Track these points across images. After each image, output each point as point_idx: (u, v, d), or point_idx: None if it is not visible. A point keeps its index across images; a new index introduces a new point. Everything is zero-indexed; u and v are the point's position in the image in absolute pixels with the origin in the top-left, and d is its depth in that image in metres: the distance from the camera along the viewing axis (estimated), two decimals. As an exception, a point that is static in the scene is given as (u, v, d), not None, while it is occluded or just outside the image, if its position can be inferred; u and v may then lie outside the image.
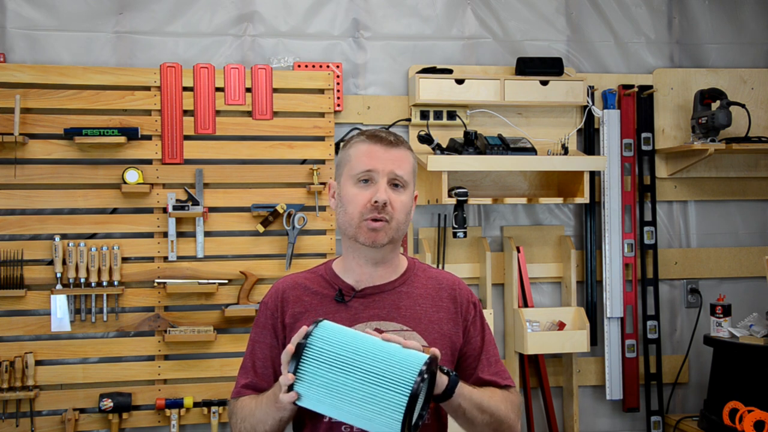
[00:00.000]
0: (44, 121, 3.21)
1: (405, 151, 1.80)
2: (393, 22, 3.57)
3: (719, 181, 3.80)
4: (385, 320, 1.78)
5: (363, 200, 1.75)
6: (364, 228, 1.75)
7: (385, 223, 1.75)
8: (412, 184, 1.82)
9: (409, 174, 1.80)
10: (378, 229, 1.74)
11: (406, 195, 1.79)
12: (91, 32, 3.34)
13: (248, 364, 1.85)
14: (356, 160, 1.78)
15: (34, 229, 3.22)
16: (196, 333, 3.24)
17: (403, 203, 1.77)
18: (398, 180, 1.77)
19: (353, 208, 1.76)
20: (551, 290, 3.68)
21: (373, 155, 1.77)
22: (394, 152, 1.78)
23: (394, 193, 1.76)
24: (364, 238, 1.75)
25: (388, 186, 1.76)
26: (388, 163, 1.76)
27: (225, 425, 3.33)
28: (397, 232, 1.78)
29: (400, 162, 1.78)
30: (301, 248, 3.38)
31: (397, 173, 1.76)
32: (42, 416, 3.20)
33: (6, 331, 3.19)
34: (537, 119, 3.63)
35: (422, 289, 1.85)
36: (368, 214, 1.74)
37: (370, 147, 1.78)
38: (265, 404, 1.70)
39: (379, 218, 1.74)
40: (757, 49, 3.87)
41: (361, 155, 1.78)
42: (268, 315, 1.84)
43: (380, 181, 1.75)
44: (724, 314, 3.40)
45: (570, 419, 3.56)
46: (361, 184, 1.77)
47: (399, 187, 1.77)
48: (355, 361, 1.51)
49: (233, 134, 3.36)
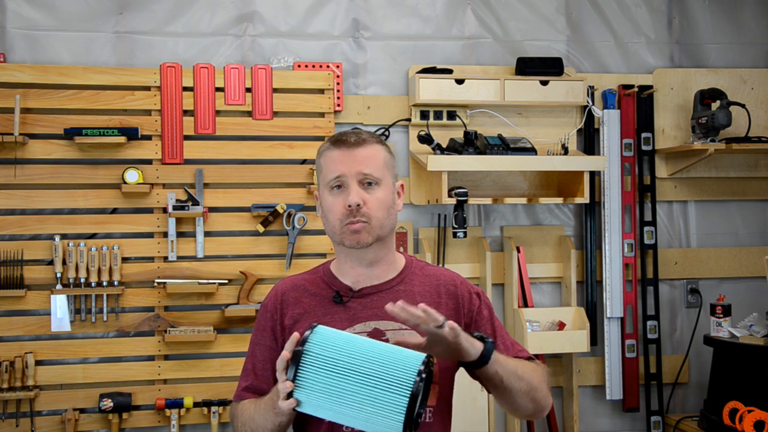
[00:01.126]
0: (44, 121, 3.21)
1: (372, 146, 1.80)
2: (393, 22, 3.57)
3: (719, 181, 3.80)
4: (384, 320, 1.78)
5: (339, 207, 1.76)
6: (346, 232, 1.76)
7: (365, 223, 1.75)
8: (389, 177, 1.81)
9: (380, 169, 1.79)
10: (359, 230, 1.75)
11: (381, 191, 1.78)
12: (91, 32, 3.34)
13: (249, 366, 1.86)
14: (326, 168, 1.80)
15: (34, 229, 3.22)
16: (196, 333, 3.24)
17: (379, 200, 1.77)
18: (368, 178, 1.77)
19: (333, 216, 1.77)
20: (551, 290, 3.68)
21: (339, 160, 1.77)
22: (359, 151, 1.77)
23: (368, 192, 1.77)
24: (349, 242, 1.76)
25: (361, 186, 1.76)
26: (354, 164, 1.76)
27: (225, 425, 3.33)
28: (381, 229, 1.78)
29: (368, 160, 1.77)
30: (301, 248, 3.38)
31: (364, 172, 1.76)
32: (42, 416, 3.20)
33: (6, 331, 3.19)
34: (537, 119, 3.62)
35: (420, 287, 1.85)
36: (346, 219, 1.75)
37: (336, 152, 1.78)
38: (264, 410, 1.70)
39: (356, 221, 1.75)
40: (757, 49, 3.87)
41: (329, 162, 1.79)
42: (267, 317, 1.85)
43: (351, 184, 1.76)
44: (724, 314, 3.40)
45: (570, 419, 3.56)
46: (335, 191, 1.78)
47: (372, 184, 1.77)
48: (353, 365, 1.51)
49: (233, 134, 3.36)
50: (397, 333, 1.76)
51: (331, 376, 1.51)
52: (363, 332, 1.77)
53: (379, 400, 1.49)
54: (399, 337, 1.67)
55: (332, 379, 1.51)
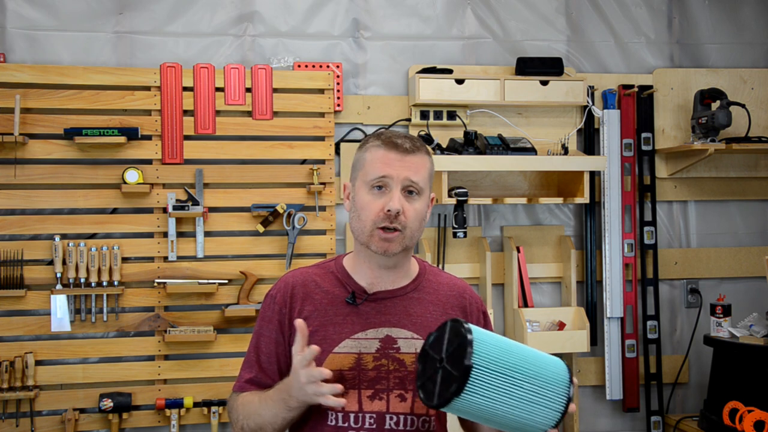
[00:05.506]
0: (44, 121, 3.21)
1: (422, 156, 1.77)
2: (393, 22, 3.57)
3: (719, 181, 3.80)
4: (396, 327, 1.77)
5: (376, 208, 1.72)
6: (376, 237, 1.72)
7: (398, 233, 1.72)
8: (428, 190, 1.79)
9: (425, 180, 1.76)
10: (391, 240, 1.72)
11: (420, 202, 1.75)
12: (91, 32, 3.34)
13: (252, 358, 1.83)
14: (370, 166, 1.75)
15: (34, 229, 3.21)
16: (196, 333, 3.24)
17: (416, 211, 1.74)
18: (413, 187, 1.73)
19: (366, 215, 1.73)
20: (551, 290, 3.68)
21: (388, 162, 1.73)
22: (411, 159, 1.74)
23: (408, 200, 1.73)
24: (377, 247, 1.73)
25: (402, 193, 1.73)
26: (402, 170, 1.72)
27: (225, 425, 3.33)
28: (411, 240, 1.75)
29: (416, 168, 1.74)
30: (301, 248, 3.38)
31: (412, 179, 1.73)
32: (42, 416, 3.20)
33: (6, 331, 3.18)
34: (537, 119, 3.62)
35: (432, 295, 1.84)
36: (381, 222, 1.71)
37: (385, 153, 1.74)
38: (273, 404, 1.69)
39: (391, 227, 1.71)
40: (757, 49, 3.87)
41: (375, 161, 1.74)
42: (275, 309, 1.82)
43: (394, 188, 1.72)
44: (724, 314, 3.40)
45: (570, 419, 3.56)
46: (375, 191, 1.73)
47: (414, 194, 1.74)
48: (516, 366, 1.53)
49: (233, 134, 3.36)
50: (409, 342, 1.76)
51: (500, 378, 1.51)
52: (375, 338, 1.76)
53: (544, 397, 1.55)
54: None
55: (501, 380, 1.51)
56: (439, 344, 1.55)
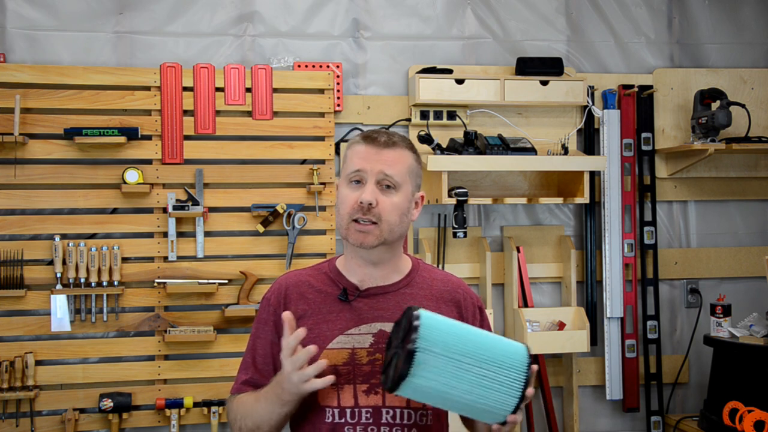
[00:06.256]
0: (44, 121, 3.21)
1: (400, 151, 1.78)
2: (393, 22, 3.57)
3: (719, 181, 3.80)
4: (389, 321, 1.77)
5: (351, 201, 1.75)
6: (352, 229, 1.75)
7: (374, 225, 1.74)
8: (409, 185, 1.79)
9: (402, 174, 1.77)
10: (366, 232, 1.74)
11: (398, 196, 1.76)
12: (91, 32, 3.34)
13: (249, 360, 1.85)
14: (349, 160, 1.79)
15: (34, 229, 3.21)
16: (196, 333, 3.24)
17: (393, 204, 1.75)
18: (388, 180, 1.75)
19: (343, 208, 1.76)
20: (551, 290, 3.68)
21: (364, 155, 1.76)
22: (386, 152, 1.76)
23: (385, 194, 1.75)
24: (353, 240, 1.75)
25: (378, 187, 1.75)
26: (377, 163, 1.75)
27: (225, 425, 3.33)
28: (390, 233, 1.76)
29: (392, 163, 1.76)
30: (301, 248, 3.38)
31: (386, 173, 1.74)
32: (42, 416, 3.20)
33: (6, 331, 3.19)
34: (537, 119, 3.63)
35: (426, 290, 1.85)
36: (355, 214, 1.74)
37: (363, 147, 1.77)
38: (268, 401, 1.70)
39: (365, 219, 1.73)
40: (757, 49, 3.87)
41: (353, 155, 1.78)
42: (270, 311, 1.84)
43: (369, 181, 1.75)
44: (724, 314, 3.40)
45: (570, 419, 3.56)
46: (352, 185, 1.76)
47: (390, 188, 1.76)
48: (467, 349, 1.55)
49: (233, 134, 3.36)
50: None
51: (448, 361, 1.53)
52: (368, 333, 1.77)
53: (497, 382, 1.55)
54: None
55: (449, 363, 1.53)
56: (397, 331, 1.63)
